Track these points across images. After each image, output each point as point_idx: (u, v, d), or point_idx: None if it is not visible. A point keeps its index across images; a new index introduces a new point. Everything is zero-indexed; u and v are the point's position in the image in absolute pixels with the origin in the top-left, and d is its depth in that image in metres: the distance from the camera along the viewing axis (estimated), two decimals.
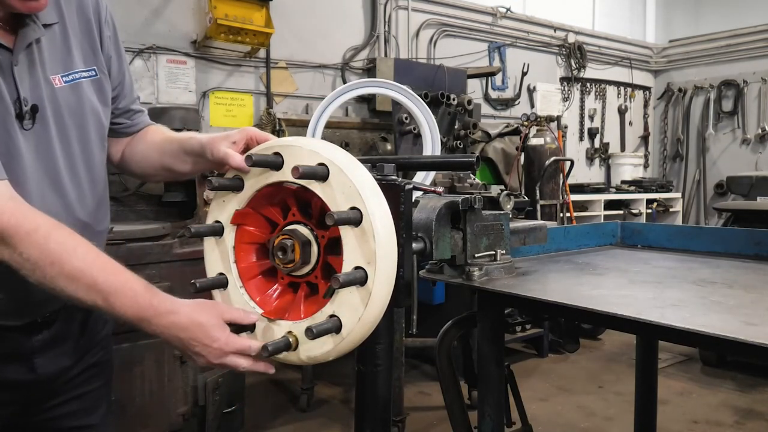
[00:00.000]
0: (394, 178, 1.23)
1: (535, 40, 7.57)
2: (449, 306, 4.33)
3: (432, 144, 2.79)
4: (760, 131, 8.35)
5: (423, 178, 2.85)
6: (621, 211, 7.58)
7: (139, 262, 2.74)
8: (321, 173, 1.11)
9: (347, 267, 1.10)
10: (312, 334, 1.08)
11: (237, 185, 1.24)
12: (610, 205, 7.48)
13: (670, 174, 9.20)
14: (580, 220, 6.47)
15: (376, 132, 5.24)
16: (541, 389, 4.44)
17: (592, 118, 8.44)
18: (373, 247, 1.07)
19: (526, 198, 3.32)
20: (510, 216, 1.60)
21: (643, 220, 7.57)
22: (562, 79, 7.98)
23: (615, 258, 2.01)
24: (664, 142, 9.27)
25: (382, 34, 5.99)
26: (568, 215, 5.78)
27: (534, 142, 5.54)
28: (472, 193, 1.46)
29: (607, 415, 4.00)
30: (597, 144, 8.53)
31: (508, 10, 7.15)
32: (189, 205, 3.40)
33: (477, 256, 1.48)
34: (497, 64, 7.07)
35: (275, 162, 1.17)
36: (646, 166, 9.17)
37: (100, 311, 1.16)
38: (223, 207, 1.27)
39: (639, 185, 8.02)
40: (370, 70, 5.80)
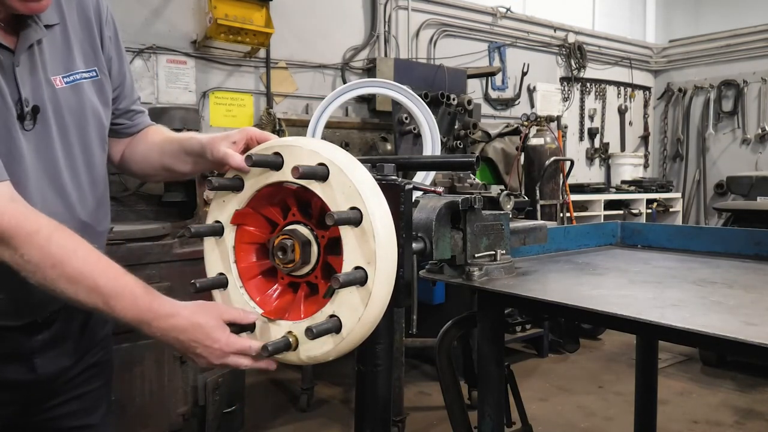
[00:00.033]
0: (394, 178, 1.23)
1: (535, 40, 7.57)
2: (449, 306, 4.33)
3: (432, 144, 2.79)
4: (760, 131, 8.35)
5: (423, 178, 2.85)
6: (621, 211, 7.58)
7: (139, 262, 2.74)
8: (321, 173, 1.11)
9: (347, 267, 1.10)
10: (312, 334, 1.08)
11: (237, 185, 1.24)
12: (610, 205, 7.48)
13: (670, 174, 9.20)
14: (580, 220, 6.47)
15: (376, 132, 5.24)
16: (541, 389, 4.44)
17: (592, 118, 8.44)
18: (373, 247, 1.07)
19: (526, 198, 3.31)
20: (510, 216, 1.60)
21: (643, 220, 7.57)
22: (562, 79, 7.98)
23: (615, 258, 2.01)
24: (664, 142, 9.27)
25: (382, 34, 5.99)
26: (568, 215, 5.78)
27: (534, 142, 5.53)
28: (472, 193, 1.46)
29: (607, 415, 4.00)
30: (597, 144, 8.53)
31: (508, 10, 7.15)
32: (189, 205, 3.41)
33: (477, 256, 1.48)
34: (497, 64, 7.07)
35: (275, 162, 1.17)
36: (646, 166, 9.17)
37: (100, 313, 1.16)
38: (223, 207, 1.27)
39: (639, 185, 8.02)
40: (370, 70, 5.80)
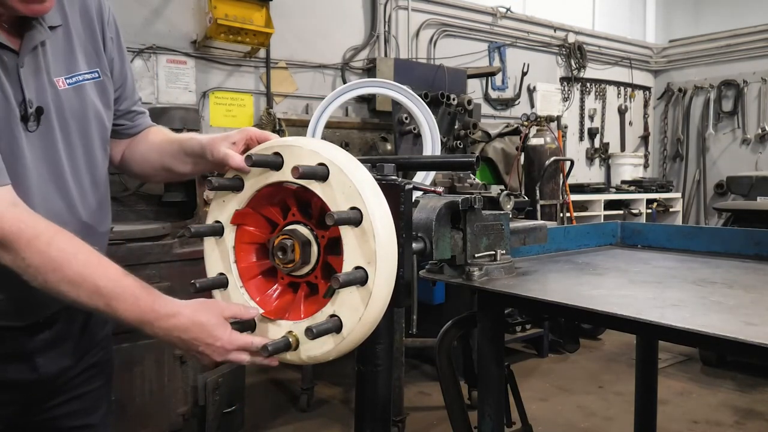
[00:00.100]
0: (394, 178, 1.23)
1: (535, 40, 7.57)
2: (449, 306, 4.33)
3: (432, 144, 2.79)
4: (760, 131, 8.35)
5: (423, 178, 2.85)
6: (621, 211, 7.58)
7: (139, 262, 2.74)
8: (321, 173, 1.11)
9: (347, 267, 1.10)
10: (312, 334, 1.08)
11: (237, 185, 1.24)
12: (610, 205, 7.47)
13: (670, 174, 9.20)
14: (580, 220, 6.47)
15: (376, 132, 5.24)
16: (541, 389, 4.44)
17: (592, 118, 8.44)
18: (374, 247, 1.07)
19: (526, 198, 3.32)
20: (510, 216, 1.60)
21: (643, 220, 7.57)
22: (562, 79, 7.98)
23: (615, 258, 2.01)
24: (664, 142, 9.27)
25: (382, 34, 5.99)
26: (568, 215, 5.78)
27: (534, 142, 5.53)
28: (472, 193, 1.46)
29: (607, 415, 4.00)
30: (597, 144, 8.53)
31: (508, 10, 7.15)
32: (189, 205, 3.41)
33: (477, 256, 1.48)
34: (497, 64, 7.07)
35: (275, 162, 1.17)
36: (646, 166, 9.17)
37: (102, 315, 1.16)
38: (223, 207, 1.27)
39: (639, 185, 8.02)
40: (370, 70, 5.80)
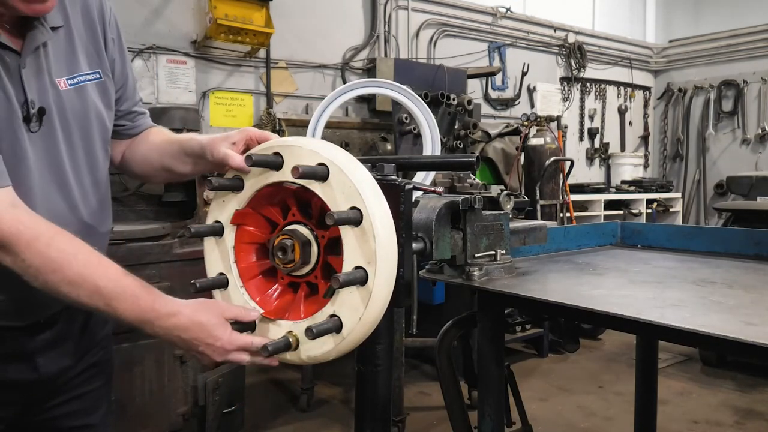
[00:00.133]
0: (394, 178, 1.23)
1: (535, 40, 7.56)
2: (449, 306, 4.33)
3: (432, 144, 2.79)
4: (760, 131, 8.35)
5: (423, 178, 2.85)
6: (621, 211, 7.58)
7: (139, 262, 2.74)
8: (321, 173, 1.11)
9: (347, 267, 1.10)
10: (312, 334, 1.08)
11: (237, 185, 1.24)
12: (610, 205, 7.47)
13: (670, 174, 9.20)
14: (580, 220, 6.47)
15: (376, 132, 5.24)
16: (541, 389, 4.44)
17: (592, 118, 8.44)
18: (374, 247, 1.07)
19: (526, 198, 3.32)
20: (510, 216, 1.60)
21: (643, 220, 7.57)
22: (562, 79, 7.98)
23: (615, 258, 2.01)
24: (664, 142, 9.27)
25: (382, 34, 5.99)
26: (568, 215, 5.78)
27: (534, 142, 5.53)
28: (472, 193, 1.46)
29: (607, 415, 4.00)
30: (597, 144, 8.53)
31: (508, 10, 7.15)
32: (189, 205, 3.41)
33: (477, 256, 1.48)
34: (497, 64, 7.07)
35: (275, 162, 1.17)
36: (646, 166, 9.17)
37: (102, 315, 1.16)
38: (223, 207, 1.27)
39: (639, 185, 8.02)
40: (370, 70, 5.80)
